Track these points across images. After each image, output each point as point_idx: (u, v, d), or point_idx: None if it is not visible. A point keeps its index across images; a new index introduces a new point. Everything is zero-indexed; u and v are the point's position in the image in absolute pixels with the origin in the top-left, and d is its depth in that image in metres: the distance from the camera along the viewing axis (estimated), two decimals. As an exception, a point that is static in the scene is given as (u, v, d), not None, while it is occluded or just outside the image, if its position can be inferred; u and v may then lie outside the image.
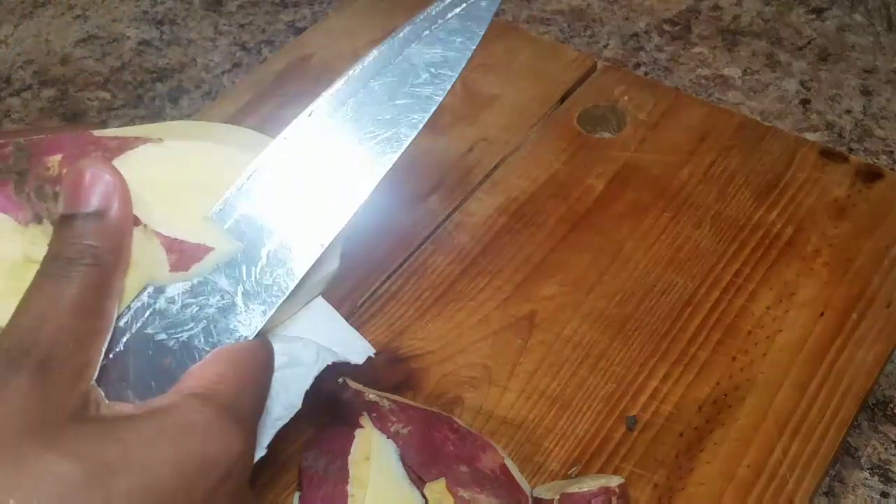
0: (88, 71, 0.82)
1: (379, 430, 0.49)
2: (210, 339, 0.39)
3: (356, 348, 0.45)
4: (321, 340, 0.44)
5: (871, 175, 0.64)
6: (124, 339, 0.38)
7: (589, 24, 0.85)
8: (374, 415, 0.49)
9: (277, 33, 0.83)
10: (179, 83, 0.80)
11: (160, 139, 0.41)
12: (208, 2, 0.86)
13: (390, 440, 0.48)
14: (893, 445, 0.58)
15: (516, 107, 0.68)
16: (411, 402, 0.51)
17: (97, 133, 0.40)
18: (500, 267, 0.59)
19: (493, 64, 0.71)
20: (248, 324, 0.40)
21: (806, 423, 0.52)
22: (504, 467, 0.48)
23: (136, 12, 0.86)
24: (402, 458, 0.48)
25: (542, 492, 0.48)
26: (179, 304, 0.39)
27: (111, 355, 0.38)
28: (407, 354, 0.55)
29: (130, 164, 0.40)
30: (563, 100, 0.69)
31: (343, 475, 0.46)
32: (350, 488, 0.46)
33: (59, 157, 0.40)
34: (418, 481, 0.47)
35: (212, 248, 0.40)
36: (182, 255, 0.39)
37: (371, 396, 0.50)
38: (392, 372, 0.54)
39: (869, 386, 0.54)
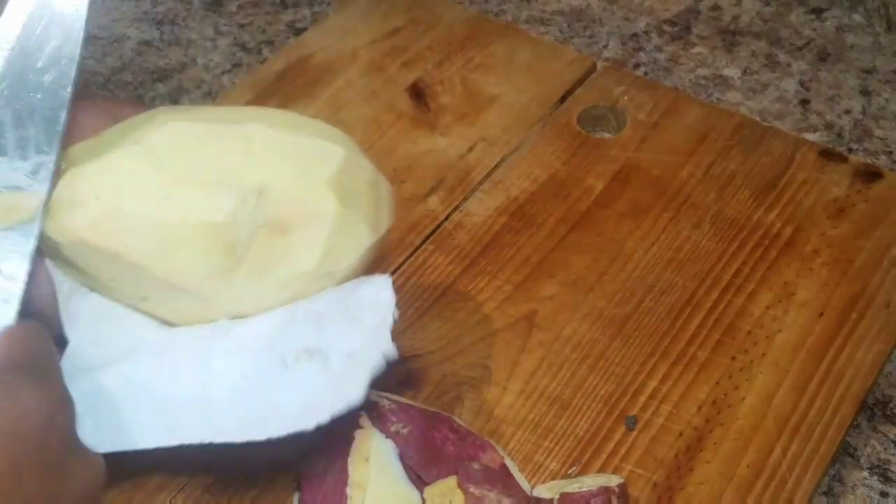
0: (88, 71, 0.81)
1: (378, 429, 0.49)
2: None
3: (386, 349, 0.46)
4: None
5: (870, 175, 0.64)
6: None
7: (589, 24, 0.85)
8: (374, 414, 0.49)
9: (277, 33, 0.83)
10: (179, 83, 0.80)
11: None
12: (208, 2, 0.86)
13: (390, 441, 0.48)
14: (893, 445, 0.58)
15: (516, 107, 0.68)
16: (411, 402, 0.51)
17: None
18: (500, 267, 0.59)
19: (493, 64, 0.71)
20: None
21: (805, 423, 0.52)
22: (504, 467, 0.48)
23: (137, 12, 0.86)
24: (402, 458, 0.48)
25: (542, 491, 0.48)
26: None
27: None
28: (407, 354, 0.55)
29: None
30: (563, 100, 0.69)
31: (342, 477, 0.46)
32: (349, 490, 0.46)
33: None
34: (418, 481, 0.47)
35: None
36: None
37: (371, 396, 0.50)
38: (392, 372, 0.54)
39: (868, 386, 0.54)
